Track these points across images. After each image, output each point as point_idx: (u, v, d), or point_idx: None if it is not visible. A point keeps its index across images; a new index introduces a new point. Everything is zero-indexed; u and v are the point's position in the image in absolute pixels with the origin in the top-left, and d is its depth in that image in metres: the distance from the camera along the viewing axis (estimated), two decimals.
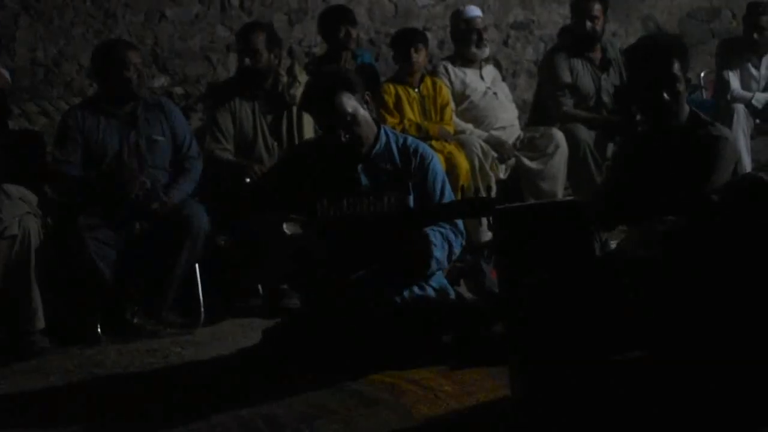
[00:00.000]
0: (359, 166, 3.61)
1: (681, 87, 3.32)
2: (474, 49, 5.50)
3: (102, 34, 5.81)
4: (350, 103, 3.53)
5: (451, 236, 3.59)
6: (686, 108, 3.39)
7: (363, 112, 3.57)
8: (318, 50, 6.18)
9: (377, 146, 3.63)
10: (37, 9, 5.76)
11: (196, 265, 4.50)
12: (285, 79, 4.88)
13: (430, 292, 3.59)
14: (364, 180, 3.61)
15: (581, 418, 2.54)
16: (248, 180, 4.65)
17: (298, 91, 4.81)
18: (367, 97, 3.64)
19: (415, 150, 3.68)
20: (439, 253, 3.55)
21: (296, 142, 4.81)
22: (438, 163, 3.75)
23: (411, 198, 3.60)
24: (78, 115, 4.51)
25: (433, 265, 3.56)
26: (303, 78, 4.93)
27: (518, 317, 2.52)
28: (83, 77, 5.80)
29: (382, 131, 3.69)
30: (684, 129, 3.34)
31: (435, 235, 3.54)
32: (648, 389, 2.62)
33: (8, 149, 4.49)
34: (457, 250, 3.64)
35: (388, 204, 3.56)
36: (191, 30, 6.06)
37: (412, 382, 3.10)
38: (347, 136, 3.53)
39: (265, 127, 4.85)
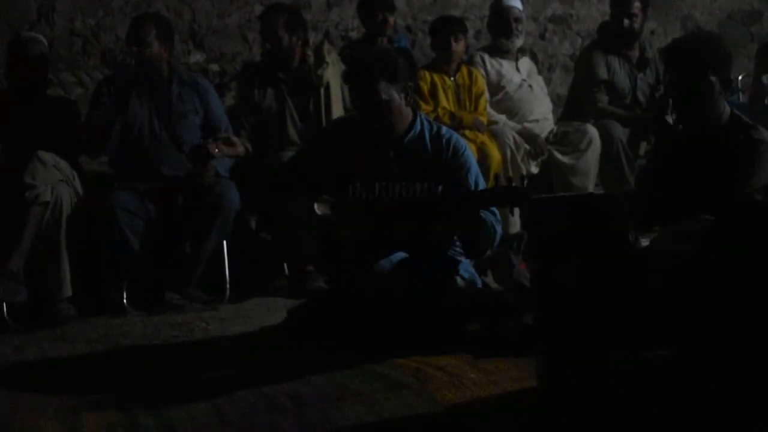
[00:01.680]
0: (391, 152, 3.60)
1: (715, 91, 3.27)
2: (506, 39, 5.48)
3: (140, 7, 5.83)
4: (387, 91, 3.51)
5: (493, 220, 3.55)
6: (727, 110, 3.34)
7: (398, 102, 3.54)
8: (355, 34, 6.17)
9: (410, 134, 3.62)
10: None
11: (224, 242, 4.52)
12: (311, 59, 4.87)
13: (458, 280, 3.58)
14: (395, 166, 3.60)
15: (607, 412, 2.53)
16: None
17: (326, 72, 4.82)
18: (409, 88, 3.60)
19: (448, 141, 3.65)
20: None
21: (324, 123, 4.80)
22: (471, 156, 3.72)
23: (440, 189, 3.59)
24: (109, 87, 4.53)
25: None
26: (331, 58, 4.93)
27: (549, 309, 2.51)
28: (120, 49, 5.80)
29: (418, 119, 3.67)
30: (724, 131, 3.30)
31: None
32: (676, 387, 2.60)
33: (45, 117, 4.53)
34: (497, 237, 3.61)
35: (421, 190, 3.55)
36: (229, 8, 6.07)
37: (437, 368, 3.10)
38: (377, 122, 3.52)
39: (293, 110, 4.84)
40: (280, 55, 4.81)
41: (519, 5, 5.56)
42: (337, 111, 4.85)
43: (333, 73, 4.89)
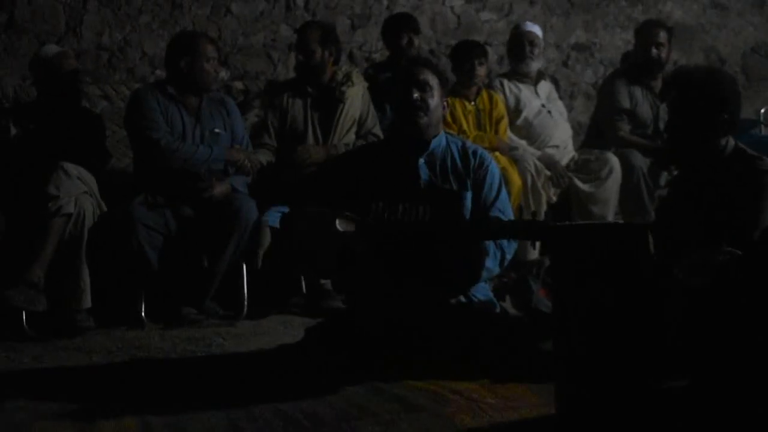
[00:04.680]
0: (420, 160, 3.63)
1: (719, 129, 3.22)
2: (521, 62, 5.50)
3: (168, 24, 5.89)
4: (435, 86, 3.61)
5: (504, 243, 3.59)
6: (731, 143, 3.29)
7: (438, 104, 3.62)
8: (378, 56, 6.20)
9: (438, 141, 3.67)
10: None
11: (242, 258, 4.53)
12: (340, 76, 4.95)
13: (476, 303, 3.59)
14: (424, 174, 3.63)
15: None
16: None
17: (349, 91, 4.90)
18: (446, 102, 3.71)
19: (474, 151, 3.74)
20: (491, 262, 3.56)
21: (332, 140, 4.88)
22: (496, 166, 3.79)
23: (468, 196, 3.62)
24: (152, 93, 4.59)
25: (484, 275, 3.57)
26: (358, 81, 5.01)
27: (569, 337, 2.50)
28: (146, 64, 5.87)
29: (443, 134, 3.74)
30: (726, 163, 3.26)
31: (488, 243, 3.54)
32: (694, 418, 2.59)
33: (70, 129, 4.57)
34: (509, 256, 3.64)
35: (443, 214, 3.57)
36: (255, 26, 6.12)
37: (455, 392, 3.09)
38: (415, 122, 3.57)
39: (316, 122, 4.89)
40: (311, 68, 4.92)
41: (537, 30, 5.59)
42: (347, 126, 4.92)
43: (355, 93, 4.96)
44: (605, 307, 2.45)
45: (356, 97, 4.97)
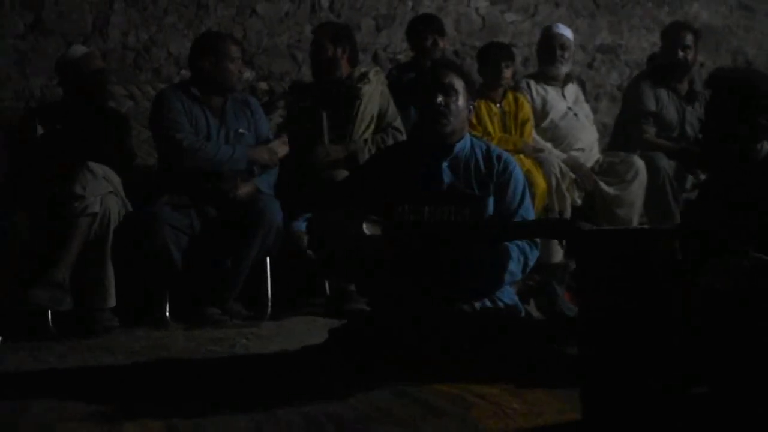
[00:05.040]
0: (444, 163, 3.62)
1: (745, 128, 3.18)
2: (551, 65, 5.48)
3: (193, 24, 5.91)
4: (461, 89, 3.59)
5: (527, 248, 3.58)
6: (765, 148, 3.25)
7: (462, 107, 3.60)
8: (403, 57, 6.19)
9: (462, 145, 3.65)
10: None
11: (267, 259, 4.54)
12: (357, 74, 4.96)
13: (501, 306, 3.57)
14: (447, 177, 3.62)
15: None
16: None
17: (365, 88, 4.92)
18: (472, 106, 3.70)
19: (499, 156, 3.72)
20: (514, 266, 3.55)
21: (351, 136, 4.89)
22: (520, 172, 3.76)
23: (490, 200, 3.60)
24: (177, 93, 4.60)
25: (507, 278, 3.56)
26: (376, 78, 5.03)
27: (595, 342, 2.49)
28: (171, 64, 5.89)
29: (468, 136, 3.72)
30: (760, 169, 3.23)
31: (512, 248, 3.53)
32: (719, 423, 2.57)
33: (97, 129, 4.59)
34: (531, 263, 3.63)
35: (468, 216, 3.56)
36: (280, 27, 6.13)
37: (479, 396, 3.07)
38: (439, 124, 3.56)
39: (330, 120, 4.92)
40: (323, 64, 4.97)
41: (568, 33, 5.55)
42: (365, 123, 4.94)
43: (371, 91, 4.97)
44: (631, 312, 2.43)
45: (374, 95, 4.98)
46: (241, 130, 4.67)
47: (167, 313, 4.40)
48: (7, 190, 4.45)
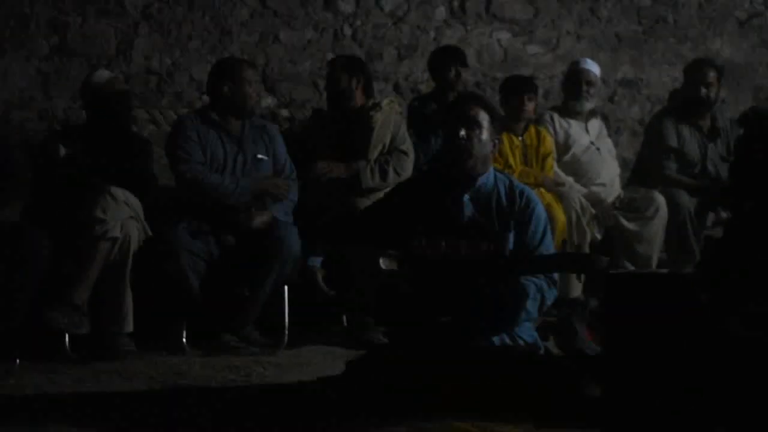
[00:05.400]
0: (465, 196, 3.60)
1: None
2: (575, 101, 5.48)
3: (216, 50, 5.93)
4: (485, 124, 3.58)
5: (545, 287, 3.55)
6: None
7: (486, 143, 3.59)
8: (424, 87, 6.20)
9: (485, 179, 3.64)
10: (157, 19, 5.91)
11: (285, 288, 4.54)
12: (369, 104, 5.03)
13: (521, 343, 3.55)
14: (468, 211, 3.60)
15: None
16: None
17: (376, 116, 4.98)
18: (498, 141, 3.68)
19: (521, 192, 3.68)
20: (531, 304, 3.52)
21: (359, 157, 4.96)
22: (543, 210, 3.73)
23: (511, 237, 3.58)
24: (194, 121, 4.62)
25: (523, 317, 3.54)
26: (389, 107, 5.08)
27: (621, 385, 2.46)
28: (194, 89, 5.92)
29: (491, 170, 3.70)
30: None
31: (529, 286, 3.51)
32: None
33: (119, 153, 4.61)
34: (549, 302, 3.60)
35: (486, 250, 3.54)
36: (302, 55, 6.15)
37: None
38: (463, 159, 3.55)
39: (340, 146, 4.97)
40: (338, 95, 5.05)
41: (595, 69, 5.56)
42: (375, 153, 5.00)
43: (383, 118, 5.01)
44: (659, 356, 2.40)
45: (386, 122, 5.02)
46: (259, 156, 4.69)
47: (184, 339, 4.39)
48: (28, 211, 4.45)
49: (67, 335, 4.25)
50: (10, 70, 5.63)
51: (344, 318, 4.69)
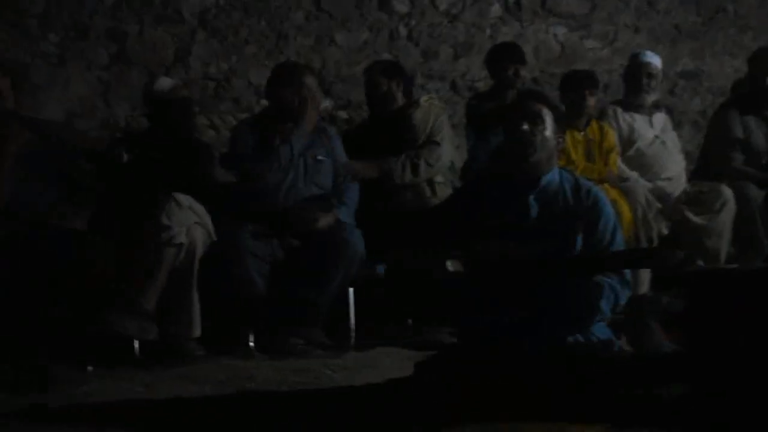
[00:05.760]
0: (531, 196, 3.56)
1: None
2: (636, 94, 5.40)
3: (273, 54, 5.96)
4: (548, 120, 3.53)
5: (617, 287, 3.50)
6: None
7: (549, 139, 3.54)
8: (481, 85, 6.16)
9: (550, 177, 3.58)
10: (214, 26, 5.96)
11: (350, 290, 4.53)
12: (404, 101, 5.10)
13: (595, 341, 3.49)
14: (534, 210, 3.55)
15: None
16: None
17: (415, 113, 5.02)
18: (560, 138, 3.62)
19: (588, 190, 3.61)
20: (604, 304, 3.47)
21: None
22: (611, 209, 3.66)
23: (579, 238, 3.52)
24: (251, 126, 4.64)
25: (596, 317, 3.48)
26: (428, 104, 5.12)
27: (709, 385, 2.40)
28: (252, 94, 5.95)
29: (556, 169, 3.64)
30: None
31: (603, 285, 3.46)
32: None
33: (183, 159, 4.64)
34: (622, 302, 3.54)
35: (554, 251, 3.49)
36: (358, 56, 6.15)
37: None
38: (528, 155, 3.50)
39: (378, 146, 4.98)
40: (378, 99, 5.12)
41: (656, 61, 5.48)
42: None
43: (421, 116, 5.03)
44: (748, 355, 2.34)
45: (424, 119, 5.05)
46: (319, 157, 4.70)
47: (251, 343, 4.39)
48: (95, 219, 4.50)
49: (136, 342, 4.27)
50: (72, 79, 5.71)
51: (409, 320, 4.66)
